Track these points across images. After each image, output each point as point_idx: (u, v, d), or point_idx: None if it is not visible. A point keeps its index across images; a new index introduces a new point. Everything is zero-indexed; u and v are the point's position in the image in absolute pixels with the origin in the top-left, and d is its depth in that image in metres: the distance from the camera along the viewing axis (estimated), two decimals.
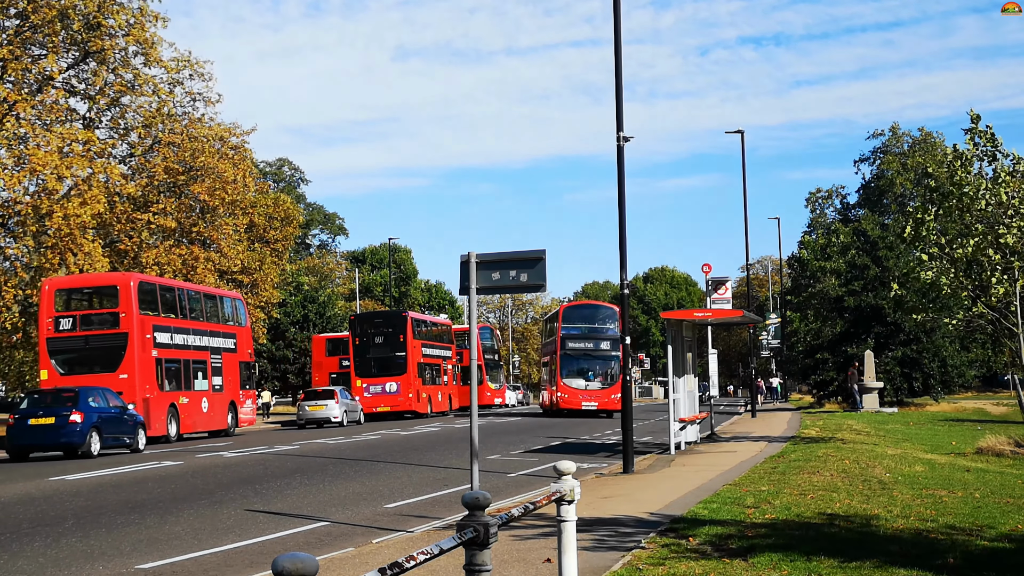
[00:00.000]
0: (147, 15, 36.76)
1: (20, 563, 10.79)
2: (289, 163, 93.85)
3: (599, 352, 48.16)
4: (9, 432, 25.69)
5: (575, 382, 47.29)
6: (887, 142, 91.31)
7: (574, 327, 48.92)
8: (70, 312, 31.15)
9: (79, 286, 32.39)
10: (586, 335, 48.38)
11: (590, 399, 46.79)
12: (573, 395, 47.08)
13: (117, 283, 31.37)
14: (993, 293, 21.64)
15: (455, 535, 5.25)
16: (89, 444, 25.41)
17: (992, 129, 21.86)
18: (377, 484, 18.03)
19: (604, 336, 48.28)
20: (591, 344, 48.16)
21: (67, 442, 25.31)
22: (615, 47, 19.98)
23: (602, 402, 46.46)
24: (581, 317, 50.15)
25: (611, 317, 48.50)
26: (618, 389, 41.47)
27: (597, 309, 51.59)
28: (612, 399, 45.28)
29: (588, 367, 47.90)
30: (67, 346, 30.59)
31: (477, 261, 11.95)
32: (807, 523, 11.57)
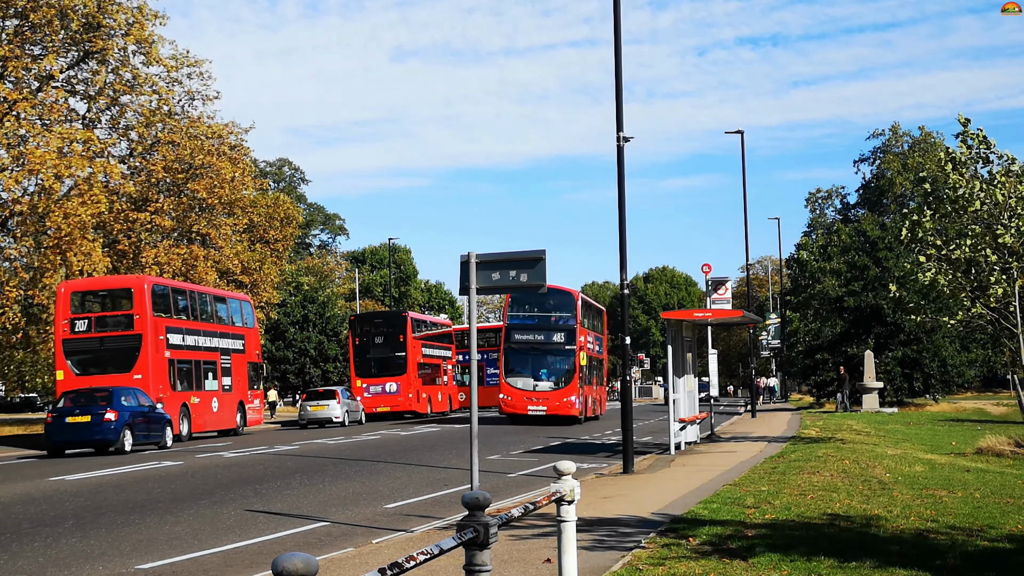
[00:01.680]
0: (146, 14, 36.75)
1: (20, 563, 10.79)
2: (289, 163, 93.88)
3: (551, 346, 39.71)
4: (48, 429, 27.09)
5: (520, 381, 39.39)
6: (887, 142, 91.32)
7: (521, 316, 40.63)
8: (85, 314, 31.71)
9: (94, 289, 33.10)
10: (536, 326, 40.24)
11: (539, 402, 38.64)
12: (518, 397, 39.15)
13: (131, 286, 31.94)
14: (992, 293, 21.64)
15: (455, 535, 5.25)
16: (122, 441, 26.78)
17: (984, 132, 21.90)
18: (377, 484, 18.03)
19: (557, 327, 39.88)
20: (541, 336, 39.79)
21: (102, 439, 26.60)
22: (615, 47, 19.98)
23: (552, 406, 38.55)
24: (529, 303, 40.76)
25: (567, 305, 39.78)
26: (573, 390, 38.82)
27: (548, 294, 38.39)
28: (565, 402, 38.54)
29: (538, 364, 39.87)
30: (82, 347, 31.15)
31: (477, 261, 11.95)
32: (807, 523, 11.57)
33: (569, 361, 39.00)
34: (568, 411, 38.35)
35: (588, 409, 40.83)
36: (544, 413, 38.23)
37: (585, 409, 39.98)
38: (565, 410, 38.33)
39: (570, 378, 38.77)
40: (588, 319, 41.89)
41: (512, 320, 40.30)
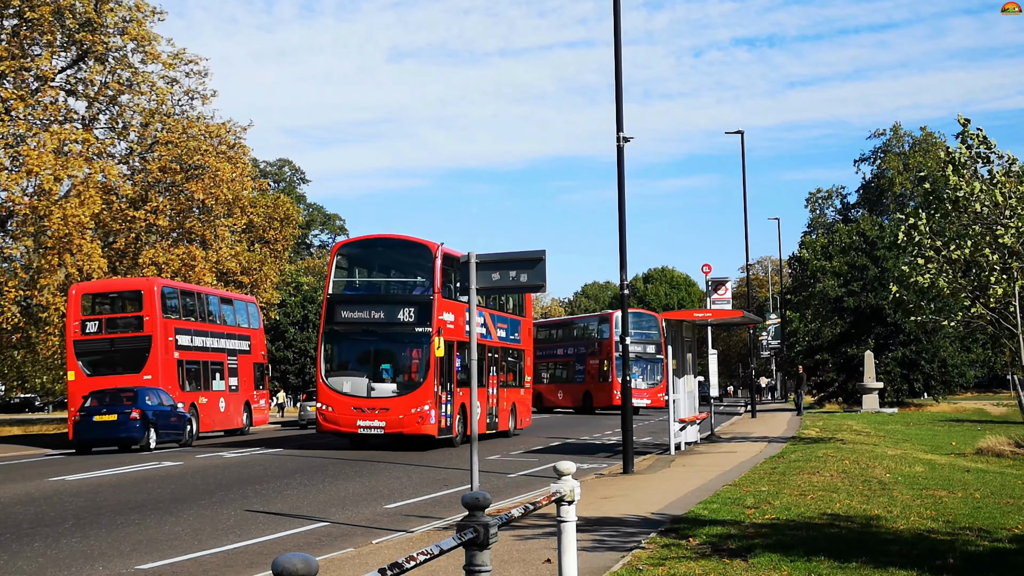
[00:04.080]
0: (144, 11, 36.76)
1: (20, 563, 10.79)
2: (290, 163, 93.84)
3: (393, 328, 26.30)
4: (76, 428, 28.03)
5: (348, 383, 26.21)
6: (888, 141, 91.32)
7: (350, 284, 28.36)
8: (96, 316, 32.13)
9: (104, 291, 33.55)
10: (372, 298, 27.26)
11: (374, 415, 25.64)
12: (342, 408, 25.92)
13: (141, 288, 32.31)
14: (992, 294, 21.64)
15: (455, 535, 5.25)
16: (147, 439, 27.72)
17: (984, 132, 21.90)
18: (377, 484, 18.03)
19: (403, 299, 26.82)
20: (380, 313, 26.44)
21: (127, 437, 27.50)
22: (615, 48, 19.98)
23: (395, 420, 25.34)
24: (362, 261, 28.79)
25: (418, 264, 26.86)
26: (426, 395, 25.34)
27: (391, 247, 28.06)
28: (413, 415, 25.19)
29: (373, 356, 27.11)
30: (93, 348, 31.63)
31: (477, 261, 11.95)
32: (807, 523, 11.57)
33: (421, 352, 25.45)
34: (417, 427, 25.04)
35: (473, 421, 25.90)
36: (382, 431, 25.17)
37: (450, 423, 26.11)
38: (413, 426, 24.99)
39: (422, 377, 25.26)
40: (464, 287, 27.34)
41: (337, 291, 26.83)
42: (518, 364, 33.31)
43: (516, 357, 33.16)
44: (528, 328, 34.77)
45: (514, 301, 33.27)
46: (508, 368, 31.99)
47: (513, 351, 32.70)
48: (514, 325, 32.86)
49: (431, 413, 25.29)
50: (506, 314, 32.14)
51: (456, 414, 26.66)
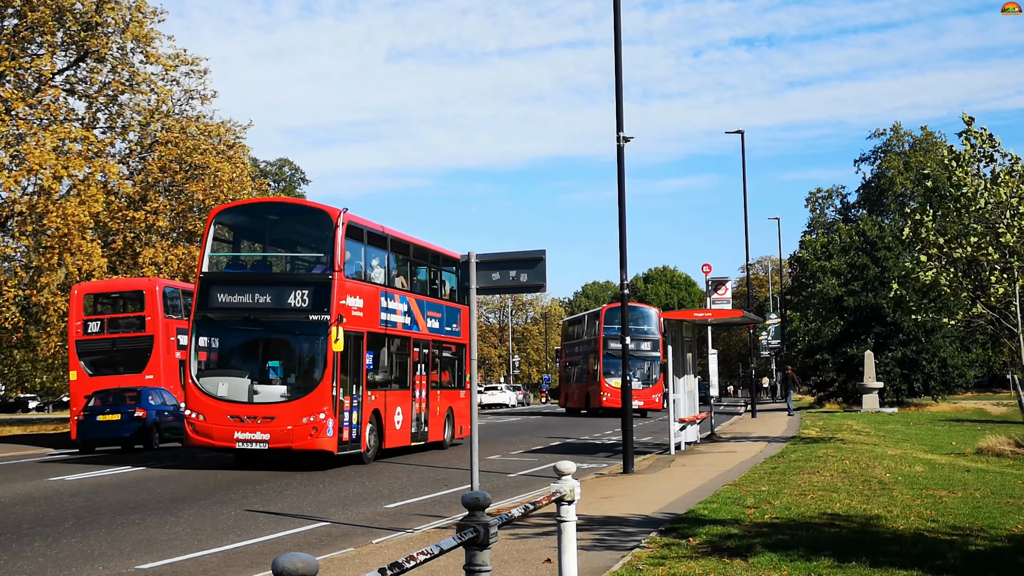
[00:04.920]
0: (144, 11, 36.77)
1: (20, 563, 10.79)
2: (290, 163, 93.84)
3: (282, 316, 21.36)
4: (79, 427, 28.01)
5: (224, 386, 21.19)
6: (888, 141, 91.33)
7: (231, 260, 23.37)
8: (98, 316, 32.20)
9: (106, 291, 33.64)
10: (256, 278, 22.30)
11: (255, 425, 20.59)
12: (216, 415, 20.86)
13: (143, 288, 32.33)
14: (992, 293, 21.64)
15: (455, 535, 5.25)
16: (151, 439, 27.79)
17: (988, 131, 21.90)
18: (377, 484, 18.03)
19: (296, 281, 22.09)
20: (267, 298, 21.51)
21: (131, 436, 27.53)
22: (615, 47, 19.98)
23: (281, 433, 20.48)
24: (246, 232, 24.54)
25: (316, 235, 22.59)
26: (321, 401, 20.08)
27: (281, 214, 24.66)
28: (305, 425, 20.38)
29: (258, 353, 22.15)
30: (95, 348, 31.76)
31: (477, 261, 11.95)
32: (807, 523, 11.56)
33: (317, 345, 20.64)
34: (309, 440, 20.20)
35: (392, 434, 23.21)
36: (266, 446, 20.37)
37: (357, 435, 21.35)
38: (304, 439, 20.20)
39: (317, 377, 20.45)
40: (379, 267, 23.34)
41: (213, 269, 22.28)
42: (457, 361, 28.04)
43: (454, 353, 27.86)
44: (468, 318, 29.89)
45: (450, 285, 27.87)
46: (443, 366, 27.12)
47: (450, 346, 27.53)
48: (451, 314, 27.59)
49: (328, 423, 20.13)
50: (440, 300, 27.02)
51: (367, 423, 21.63)
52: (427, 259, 26.58)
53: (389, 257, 23.82)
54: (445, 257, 27.50)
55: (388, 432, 22.75)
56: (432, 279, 26.91)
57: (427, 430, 25.36)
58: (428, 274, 26.76)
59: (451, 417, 27.32)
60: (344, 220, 21.12)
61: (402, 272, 24.70)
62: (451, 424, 27.31)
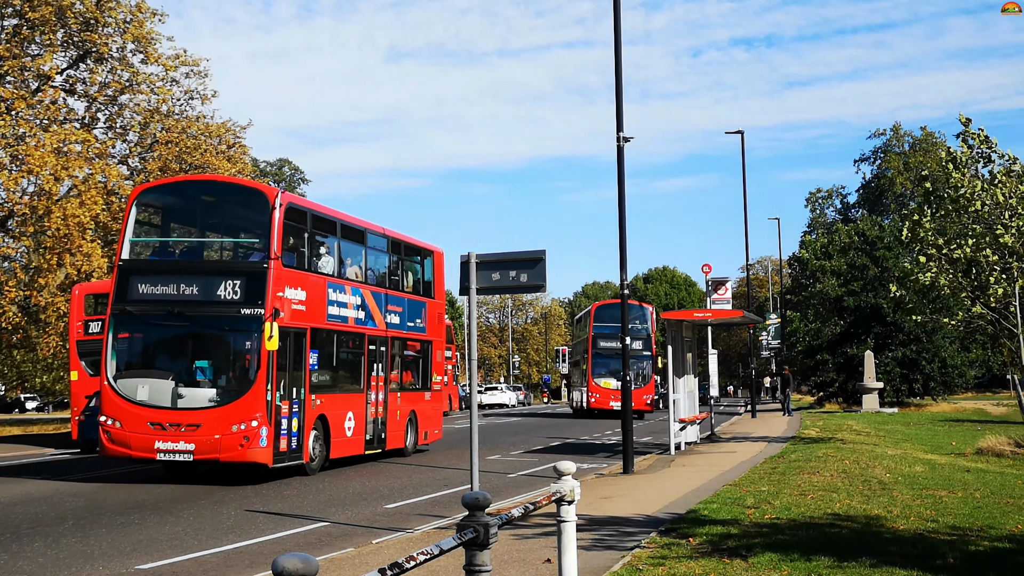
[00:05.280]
0: (144, 11, 36.79)
1: (20, 563, 10.79)
2: (289, 163, 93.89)
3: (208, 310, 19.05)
4: (81, 427, 27.99)
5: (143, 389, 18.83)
6: (888, 141, 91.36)
7: (150, 245, 20.79)
8: (99, 316, 32.00)
9: (107, 291, 33.08)
10: (179, 267, 20.10)
11: (178, 433, 18.14)
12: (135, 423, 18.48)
13: None
14: (992, 293, 21.65)
15: (455, 535, 5.25)
16: None
17: (985, 131, 21.92)
18: (377, 484, 18.04)
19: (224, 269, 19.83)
20: (193, 288, 19.21)
21: None
22: (615, 47, 19.99)
23: (208, 443, 18.06)
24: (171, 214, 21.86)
25: (249, 217, 20.45)
26: (255, 407, 17.59)
27: (212, 194, 21.87)
28: (235, 433, 17.95)
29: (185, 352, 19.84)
30: (96, 348, 31.37)
31: (477, 261, 11.95)
32: (807, 523, 11.57)
33: (251, 343, 18.31)
34: (240, 451, 17.78)
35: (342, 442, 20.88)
36: (191, 458, 17.91)
37: (298, 444, 18.99)
38: (234, 450, 17.76)
39: (249, 380, 18.00)
40: (327, 255, 21.07)
41: (133, 255, 20.20)
42: (422, 360, 25.68)
43: (419, 351, 25.50)
44: (439, 313, 26.93)
45: (414, 277, 25.63)
46: (405, 365, 24.73)
47: (413, 343, 25.11)
48: (415, 308, 25.08)
49: (261, 431, 17.73)
50: (402, 293, 24.37)
51: (309, 431, 19.29)
52: (386, 248, 24.08)
53: (340, 244, 21.51)
54: (408, 246, 25.31)
55: (336, 440, 20.50)
56: (393, 270, 24.35)
57: (385, 436, 22.97)
58: (388, 264, 24.19)
59: (414, 421, 24.81)
60: (282, 201, 18.88)
61: (356, 261, 22.32)
62: (414, 429, 24.82)
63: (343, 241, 21.77)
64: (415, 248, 25.66)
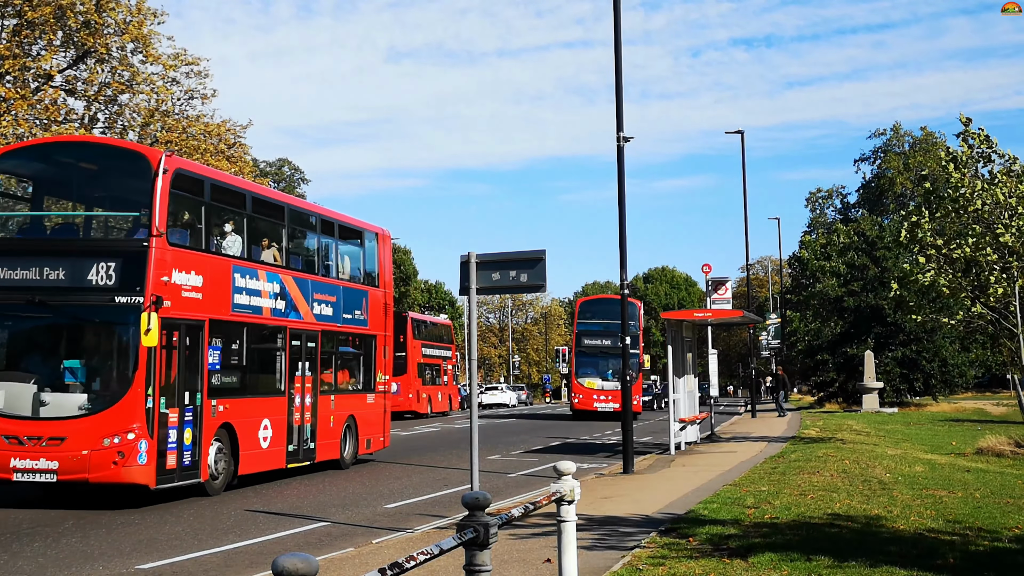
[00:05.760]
0: (144, 11, 36.81)
1: (20, 563, 10.79)
2: (289, 163, 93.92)
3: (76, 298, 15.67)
4: None
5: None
6: (888, 141, 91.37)
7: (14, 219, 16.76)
8: None
9: None
10: (38, 246, 16.61)
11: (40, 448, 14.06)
12: None
13: None
14: (992, 293, 21.64)
15: (455, 535, 5.25)
16: None
17: (985, 131, 21.94)
18: (377, 484, 18.04)
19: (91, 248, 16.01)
20: (59, 273, 15.79)
21: None
22: (615, 47, 19.98)
23: (74, 460, 14.80)
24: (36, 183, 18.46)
25: (129, 186, 17.13)
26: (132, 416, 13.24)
27: (83, 158, 18.20)
28: (110, 447, 14.71)
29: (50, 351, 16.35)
30: None
31: (477, 261, 11.95)
32: (807, 523, 11.57)
33: (122, 341, 15.59)
34: (113, 471, 14.86)
35: (254, 455, 17.83)
36: (54, 478, 14.88)
37: (194, 459, 15.95)
38: (107, 468, 14.76)
39: (121, 384, 15.22)
40: (234, 233, 18.06)
41: None
42: (363, 357, 22.51)
43: (360, 347, 22.47)
44: (385, 304, 23.45)
45: (353, 262, 22.54)
46: (342, 364, 21.72)
47: (351, 338, 22.10)
48: (354, 299, 21.99)
49: (139, 445, 14.79)
50: (336, 281, 21.34)
51: (209, 443, 16.21)
52: (315, 227, 20.97)
53: (251, 221, 18.44)
54: (345, 226, 22.12)
55: (247, 452, 17.33)
56: (324, 253, 21.18)
57: (314, 446, 19.83)
58: (318, 247, 21.00)
59: (353, 428, 21.63)
60: (169, 166, 15.67)
61: (274, 243, 19.14)
62: (353, 437, 21.64)
63: (256, 218, 18.86)
64: (353, 229, 22.60)
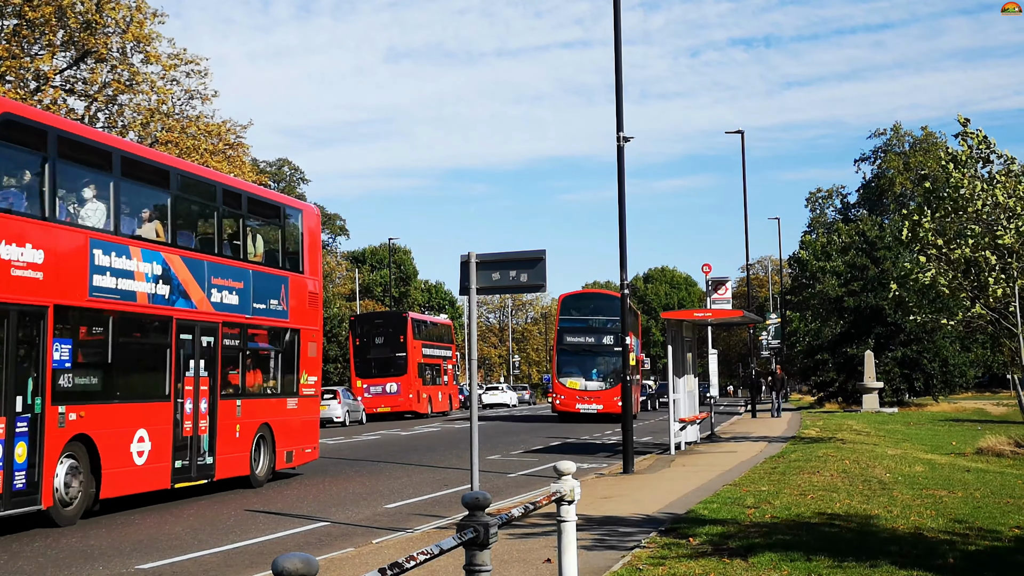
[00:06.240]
0: (144, 12, 36.81)
1: (20, 563, 10.79)
2: (289, 163, 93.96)
3: None
4: None
5: None
6: (888, 141, 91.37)
7: None
8: None
9: None
10: None
11: None
12: None
13: None
14: (991, 294, 21.64)
15: (455, 535, 5.25)
16: None
17: (983, 132, 21.95)
18: (377, 484, 18.03)
19: None
20: None
21: None
22: (615, 47, 19.97)
23: None
24: None
25: None
26: None
27: None
28: None
29: None
30: None
31: (477, 261, 11.94)
32: (807, 523, 11.56)
33: None
34: None
35: (124, 474, 14.59)
36: None
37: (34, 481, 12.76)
38: None
39: None
40: (94, 199, 14.60)
41: None
42: (281, 355, 19.12)
43: (278, 343, 19.04)
44: (310, 293, 19.98)
45: (268, 243, 19.13)
46: (253, 363, 18.36)
47: (263, 332, 18.62)
48: (268, 285, 18.41)
49: None
50: (242, 263, 17.64)
51: (55, 459, 13.13)
52: (215, 199, 17.24)
53: (121, 186, 15.01)
54: (258, 200, 18.66)
55: (114, 471, 14.20)
56: (230, 231, 17.83)
57: (212, 461, 16.45)
58: (219, 223, 17.41)
59: (269, 438, 18.33)
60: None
61: (157, 214, 15.91)
62: (269, 449, 18.31)
63: (129, 183, 15.37)
64: (270, 204, 19.32)
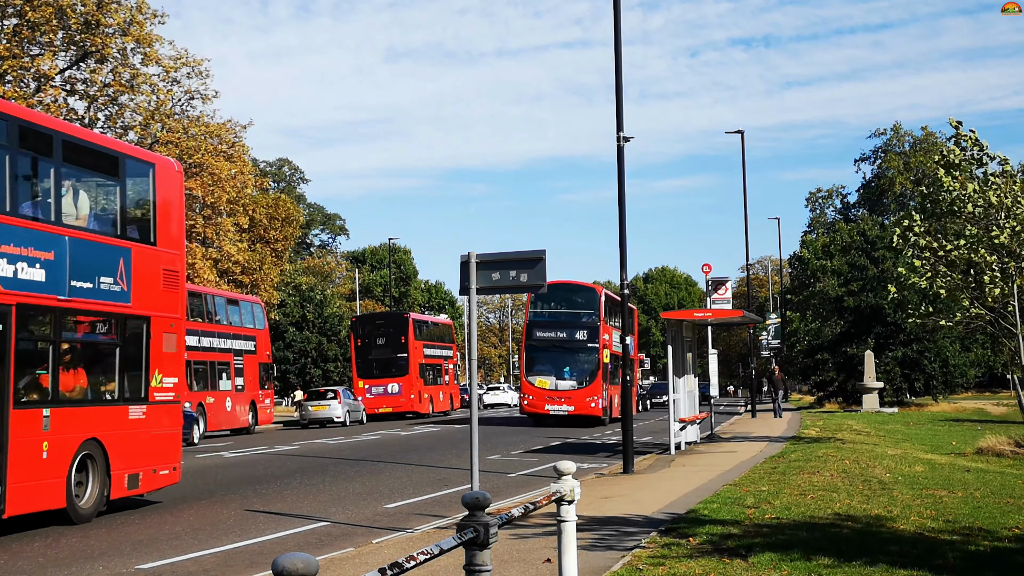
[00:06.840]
0: (145, 12, 36.82)
1: (20, 563, 10.79)
2: (289, 163, 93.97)
3: None
4: None
5: None
6: (889, 141, 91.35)
7: None
8: None
9: None
10: None
11: None
12: None
13: None
14: (989, 294, 21.64)
15: (455, 535, 5.25)
16: None
17: (976, 134, 21.95)
18: (377, 484, 18.04)
19: None
20: None
21: None
22: (615, 47, 19.97)
23: None
24: None
25: None
26: None
27: None
28: None
29: None
30: None
31: (477, 261, 11.94)
32: (807, 523, 11.56)
33: None
34: None
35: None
36: None
37: None
38: None
39: None
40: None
41: None
42: (120, 351, 14.76)
43: (115, 333, 14.79)
44: (164, 270, 15.71)
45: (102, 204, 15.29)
46: (75, 360, 14.29)
47: (96, 319, 14.70)
48: (96, 257, 14.10)
49: None
50: (50, 227, 13.24)
51: None
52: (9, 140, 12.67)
53: None
54: (81, 146, 14.51)
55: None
56: (32, 184, 13.67)
57: (2, 491, 12.14)
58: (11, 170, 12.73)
59: (100, 458, 14.01)
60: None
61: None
62: (99, 472, 13.98)
63: None
64: (99, 153, 14.90)
